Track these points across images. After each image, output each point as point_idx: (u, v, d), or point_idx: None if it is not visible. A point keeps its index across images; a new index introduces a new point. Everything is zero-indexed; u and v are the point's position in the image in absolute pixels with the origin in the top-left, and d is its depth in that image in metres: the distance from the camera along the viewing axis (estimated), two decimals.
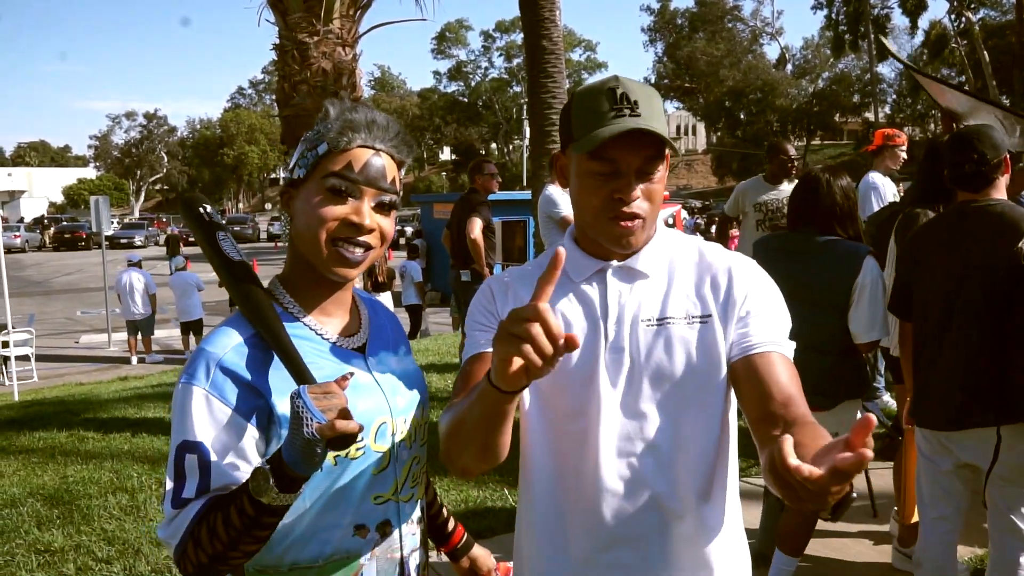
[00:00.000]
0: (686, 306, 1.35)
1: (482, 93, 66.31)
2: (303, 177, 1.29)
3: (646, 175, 1.29)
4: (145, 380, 9.43)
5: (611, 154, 1.27)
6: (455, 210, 6.44)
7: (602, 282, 1.38)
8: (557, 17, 7.60)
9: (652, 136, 1.26)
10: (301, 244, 1.30)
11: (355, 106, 1.32)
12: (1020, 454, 2.52)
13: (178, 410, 1.23)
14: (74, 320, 17.88)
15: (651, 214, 1.33)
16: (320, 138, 1.29)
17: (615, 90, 1.28)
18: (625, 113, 1.26)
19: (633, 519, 1.34)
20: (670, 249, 1.40)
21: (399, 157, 1.34)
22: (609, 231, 1.32)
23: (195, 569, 1.19)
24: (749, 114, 53.62)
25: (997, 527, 2.64)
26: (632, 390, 1.33)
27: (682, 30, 56.36)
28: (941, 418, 2.65)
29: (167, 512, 1.21)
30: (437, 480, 4.48)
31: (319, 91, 5.57)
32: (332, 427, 1.10)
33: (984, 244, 2.55)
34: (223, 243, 1.34)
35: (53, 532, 3.88)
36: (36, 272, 29.76)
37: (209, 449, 1.20)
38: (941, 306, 2.63)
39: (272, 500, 1.13)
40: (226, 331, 1.28)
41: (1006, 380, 2.48)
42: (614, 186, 1.29)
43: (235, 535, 1.16)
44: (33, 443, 5.55)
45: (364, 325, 1.42)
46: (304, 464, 1.12)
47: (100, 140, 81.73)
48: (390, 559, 1.35)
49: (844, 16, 40.82)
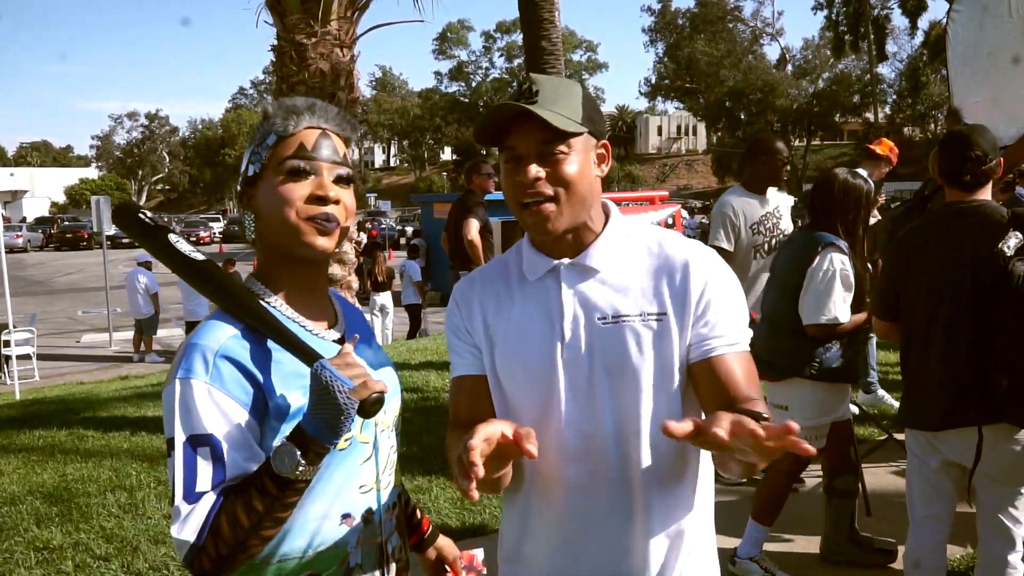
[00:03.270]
0: (641, 303, 1.35)
1: (483, 93, 66.31)
2: (259, 172, 1.33)
3: (549, 158, 1.31)
4: (145, 379, 9.45)
5: (508, 141, 1.33)
6: (452, 211, 6.45)
7: (555, 281, 1.39)
8: (557, 18, 7.61)
9: (543, 120, 1.27)
10: (271, 233, 1.32)
11: (289, 97, 1.38)
12: (1006, 453, 2.54)
13: (180, 406, 1.21)
14: (75, 320, 17.91)
15: (567, 196, 1.32)
16: (267, 131, 1.33)
17: (522, 84, 1.33)
18: (520, 101, 1.29)
19: (596, 513, 1.37)
20: (624, 244, 1.41)
21: (344, 134, 1.38)
22: (523, 218, 1.35)
23: (212, 564, 1.19)
24: (749, 114, 53.57)
25: (986, 527, 2.66)
26: (591, 388, 1.35)
27: (683, 30, 56.33)
28: (927, 418, 2.67)
29: (180, 510, 1.19)
30: (432, 478, 4.51)
31: (317, 92, 5.58)
32: (366, 385, 1.15)
33: (968, 245, 2.58)
34: (178, 244, 1.33)
35: (52, 530, 3.91)
36: (38, 272, 29.79)
37: (221, 441, 1.21)
38: (928, 306, 2.65)
39: (299, 475, 1.16)
40: (215, 324, 1.28)
41: (988, 380, 2.51)
42: (517, 172, 1.33)
43: (257, 519, 1.18)
44: (33, 441, 5.58)
45: (340, 318, 1.45)
46: (331, 433, 1.16)
47: (102, 140, 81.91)
48: (372, 544, 1.39)
49: (844, 17, 40.86)
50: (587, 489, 1.37)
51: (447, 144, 70.52)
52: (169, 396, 1.24)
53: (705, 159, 68.09)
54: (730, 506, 3.91)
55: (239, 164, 1.40)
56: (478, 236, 6.05)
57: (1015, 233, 2.49)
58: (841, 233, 3.23)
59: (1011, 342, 2.46)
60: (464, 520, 3.96)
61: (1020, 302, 2.43)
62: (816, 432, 3.30)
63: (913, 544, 2.84)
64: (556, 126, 1.27)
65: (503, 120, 1.32)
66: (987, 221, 2.57)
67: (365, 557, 1.38)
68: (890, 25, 44.01)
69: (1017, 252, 2.46)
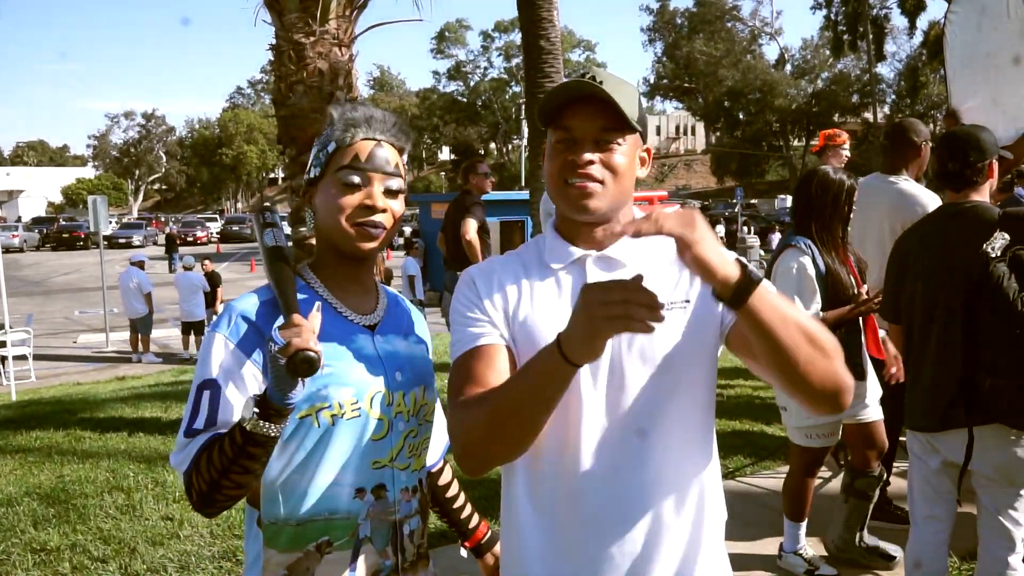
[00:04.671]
0: (665, 292, 1.34)
1: (481, 93, 66.36)
2: (319, 175, 1.48)
3: (604, 145, 1.33)
4: (142, 380, 9.44)
5: (566, 122, 1.34)
6: (449, 212, 6.44)
7: (581, 271, 1.40)
8: (555, 17, 7.61)
9: (608, 108, 1.29)
10: (325, 231, 1.48)
11: (354, 106, 1.51)
12: (1001, 455, 2.54)
13: (202, 353, 1.41)
14: (72, 320, 17.89)
15: (613, 184, 1.34)
16: (328, 139, 1.48)
17: (585, 73, 1.33)
18: (588, 81, 1.30)
19: (615, 503, 1.35)
20: (647, 241, 1.38)
21: (398, 144, 1.51)
22: (565, 194, 1.35)
23: (198, 497, 1.34)
24: (748, 114, 53.66)
25: (986, 528, 2.66)
26: (614, 377, 1.34)
27: (681, 30, 56.38)
28: (926, 419, 2.68)
29: (179, 442, 1.37)
30: None
31: (315, 91, 5.57)
32: (286, 348, 1.24)
33: (961, 245, 2.58)
34: (266, 235, 1.53)
35: (49, 531, 3.90)
36: (34, 272, 29.75)
37: (222, 386, 1.37)
38: (924, 308, 2.66)
39: (254, 428, 1.26)
40: (251, 294, 1.48)
41: (975, 381, 2.51)
42: (569, 152, 1.34)
43: (226, 463, 1.29)
44: (30, 442, 5.57)
45: (380, 309, 1.56)
46: (277, 391, 1.26)
47: (98, 140, 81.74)
48: (384, 520, 1.46)
49: (843, 16, 40.84)
50: (606, 476, 1.34)
51: (445, 144, 70.54)
52: (203, 344, 1.44)
53: (704, 159, 68.15)
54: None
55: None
56: (476, 236, 6.04)
57: (1002, 234, 2.49)
58: (815, 230, 3.23)
59: (993, 342, 2.47)
60: None
61: (1000, 302, 2.43)
62: (818, 430, 3.30)
63: (914, 545, 2.84)
64: (624, 113, 1.30)
65: (565, 100, 1.33)
66: (978, 222, 2.57)
67: (375, 532, 1.45)
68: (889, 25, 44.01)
69: (1003, 253, 2.46)
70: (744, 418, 5.54)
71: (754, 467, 4.71)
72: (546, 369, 1.15)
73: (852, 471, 3.49)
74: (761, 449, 4.91)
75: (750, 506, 4.15)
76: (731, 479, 4.55)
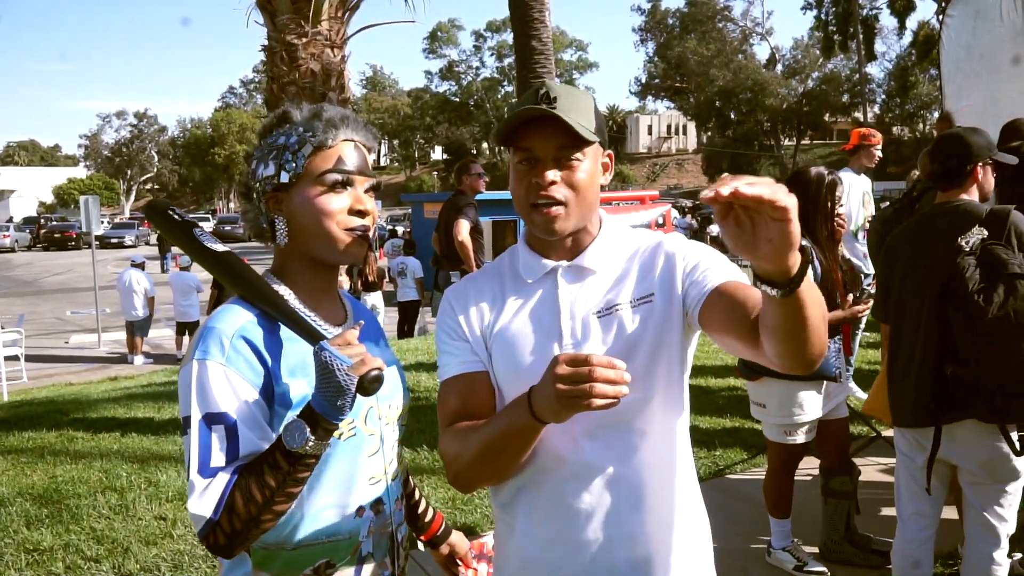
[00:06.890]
0: (631, 291, 1.42)
1: (473, 93, 66.29)
2: (293, 180, 1.38)
3: (564, 163, 1.37)
4: (135, 380, 9.42)
5: (525, 143, 1.38)
6: (442, 212, 6.46)
7: (553, 282, 1.45)
8: (547, 17, 7.61)
9: (564, 125, 1.33)
10: (306, 238, 1.40)
11: (321, 106, 1.44)
12: (981, 450, 2.58)
13: (196, 385, 1.27)
14: (64, 320, 17.81)
15: (576, 203, 1.38)
16: (302, 141, 1.38)
17: (539, 90, 1.37)
18: (541, 105, 1.33)
19: (595, 502, 1.39)
20: (615, 245, 1.47)
21: (370, 144, 1.47)
22: (532, 219, 1.40)
23: (226, 539, 1.23)
24: (739, 114, 53.73)
25: (972, 524, 2.70)
26: None
27: (673, 30, 56.43)
28: (910, 415, 2.71)
29: (195, 484, 1.24)
30: (423, 478, 4.52)
31: (308, 92, 5.59)
32: (364, 363, 1.21)
33: (944, 243, 2.61)
34: (202, 238, 1.43)
35: (42, 531, 3.90)
36: (26, 272, 29.60)
37: (235, 419, 1.26)
38: (911, 307, 2.70)
39: (309, 451, 1.21)
40: (232, 309, 1.34)
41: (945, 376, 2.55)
42: (532, 173, 1.38)
43: (270, 494, 1.22)
44: (22, 443, 5.56)
45: (350, 316, 1.52)
46: (336, 410, 1.21)
47: (90, 139, 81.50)
48: (383, 534, 1.45)
49: (833, 17, 41.04)
50: (586, 476, 1.39)
51: (437, 143, 70.46)
52: (186, 376, 1.30)
53: (695, 158, 68.19)
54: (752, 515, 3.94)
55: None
56: (469, 237, 6.06)
57: (980, 229, 2.53)
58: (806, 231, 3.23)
59: (959, 335, 2.50)
60: (455, 520, 3.97)
61: (961, 293, 2.46)
62: (797, 427, 3.34)
63: (901, 540, 2.87)
64: (579, 133, 1.33)
65: (520, 123, 1.36)
66: (962, 219, 2.61)
67: (376, 546, 1.43)
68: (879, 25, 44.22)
69: (976, 248, 2.50)
70: (734, 416, 5.57)
71: (744, 464, 4.74)
72: (519, 423, 1.24)
73: (827, 472, 3.53)
74: (751, 447, 4.95)
75: (740, 503, 4.19)
76: (722, 476, 4.59)
